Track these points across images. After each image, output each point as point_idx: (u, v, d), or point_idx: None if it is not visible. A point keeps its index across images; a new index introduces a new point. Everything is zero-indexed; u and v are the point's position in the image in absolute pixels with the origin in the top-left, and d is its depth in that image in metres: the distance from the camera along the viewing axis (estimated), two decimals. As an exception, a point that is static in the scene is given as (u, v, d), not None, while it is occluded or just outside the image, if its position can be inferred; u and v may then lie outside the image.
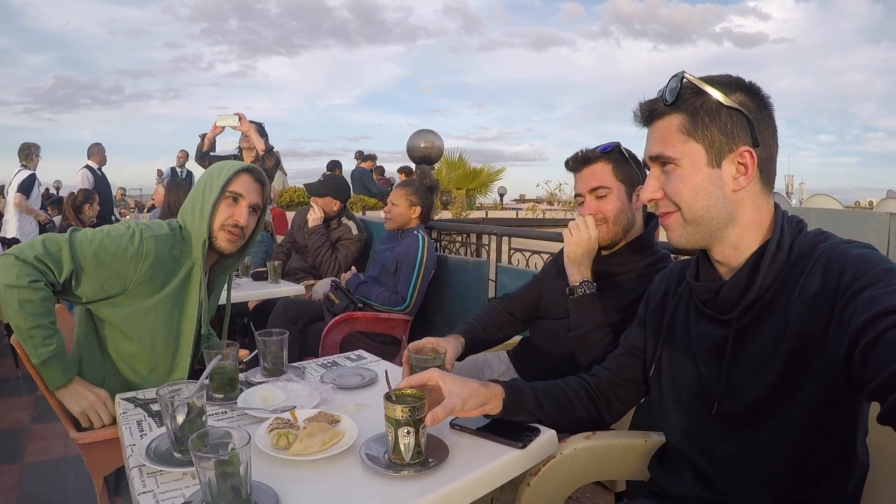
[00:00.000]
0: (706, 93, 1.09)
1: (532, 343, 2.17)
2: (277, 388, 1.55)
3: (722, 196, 1.10)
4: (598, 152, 1.87)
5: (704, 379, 1.19)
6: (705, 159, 1.10)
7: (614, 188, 1.86)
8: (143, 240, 1.75)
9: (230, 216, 1.87)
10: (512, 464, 1.25)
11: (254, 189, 1.92)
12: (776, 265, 1.08)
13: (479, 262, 3.43)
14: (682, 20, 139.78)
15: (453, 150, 12.58)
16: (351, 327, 3.29)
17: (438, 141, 6.00)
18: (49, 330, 1.61)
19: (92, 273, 1.68)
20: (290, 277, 4.10)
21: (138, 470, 1.16)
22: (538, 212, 10.50)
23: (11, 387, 4.30)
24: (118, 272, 1.71)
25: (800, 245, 1.09)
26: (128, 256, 1.72)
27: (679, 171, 1.12)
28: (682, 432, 1.26)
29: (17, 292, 1.58)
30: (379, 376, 1.72)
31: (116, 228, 1.78)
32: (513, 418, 1.35)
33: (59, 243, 1.66)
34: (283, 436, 1.22)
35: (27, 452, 3.22)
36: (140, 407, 1.49)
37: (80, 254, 1.67)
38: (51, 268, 1.63)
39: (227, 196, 1.87)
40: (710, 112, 1.09)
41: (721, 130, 1.09)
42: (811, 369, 1.01)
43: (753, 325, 1.10)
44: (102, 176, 7.70)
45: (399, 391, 1.21)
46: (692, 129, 1.10)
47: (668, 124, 1.13)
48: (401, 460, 1.14)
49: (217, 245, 1.88)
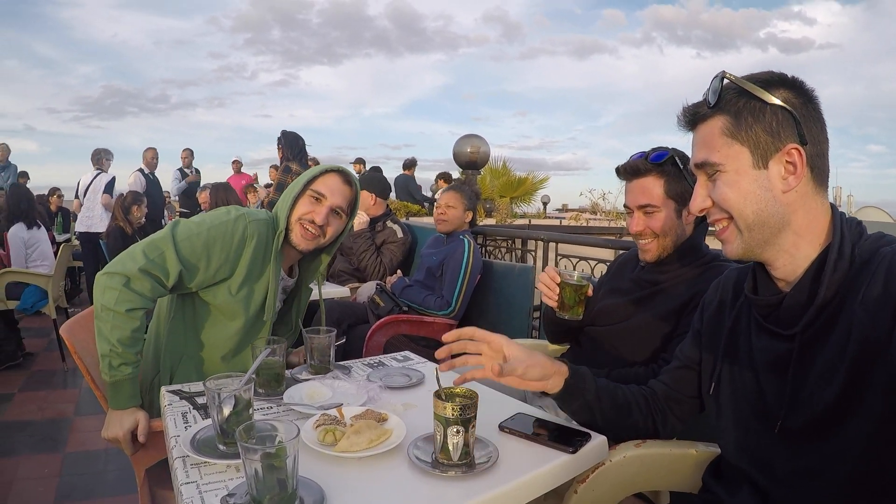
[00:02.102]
0: (748, 92, 1.05)
1: (580, 350, 2.12)
2: (324, 385, 1.54)
3: (772, 199, 1.05)
4: (649, 163, 1.77)
5: (767, 395, 1.14)
6: (750, 161, 1.05)
7: (663, 206, 1.77)
8: (247, 224, 1.79)
9: (308, 212, 1.85)
10: (561, 469, 1.22)
11: (340, 191, 1.88)
12: (838, 273, 1.02)
13: (525, 268, 3.38)
14: (725, 25, 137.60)
15: (497, 159, 12.52)
16: (395, 330, 3.28)
17: (485, 146, 5.99)
18: (129, 358, 1.62)
19: (203, 265, 1.73)
20: (335, 280, 4.12)
21: (182, 461, 1.15)
22: (581, 221, 10.37)
23: (58, 380, 4.45)
24: (228, 257, 1.76)
25: (861, 250, 1.03)
26: (235, 241, 1.77)
27: (725, 177, 1.07)
28: (741, 448, 1.21)
29: (113, 317, 1.61)
30: (426, 377, 1.69)
31: (218, 216, 1.81)
32: (567, 405, 1.33)
33: (160, 248, 1.68)
34: (330, 432, 1.20)
35: (69, 442, 3.32)
36: (185, 399, 1.49)
37: (187, 251, 1.71)
38: (157, 276, 1.66)
39: (311, 194, 1.86)
40: (753, 112, 1.05)
41: (766, 130, 1.04)
42: (876, 379, 0.96)
43: (817, 338, 1.05)
44: (154, 179, 7.82)
45: (449, 389, 1.18)
46: (735, 130, 1.06)
47: (711, 128, 1.09)
48: (448, 460, 1.12)
49: (290, 239, 1.86)
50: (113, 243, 5.36)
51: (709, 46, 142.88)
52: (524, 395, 2.10)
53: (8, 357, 4.62)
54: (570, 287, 1.73)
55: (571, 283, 1.73)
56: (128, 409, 1.61)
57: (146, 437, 1.59)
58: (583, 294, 1.74)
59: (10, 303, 4.58)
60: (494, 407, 1.46)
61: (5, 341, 4.62)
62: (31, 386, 4.27)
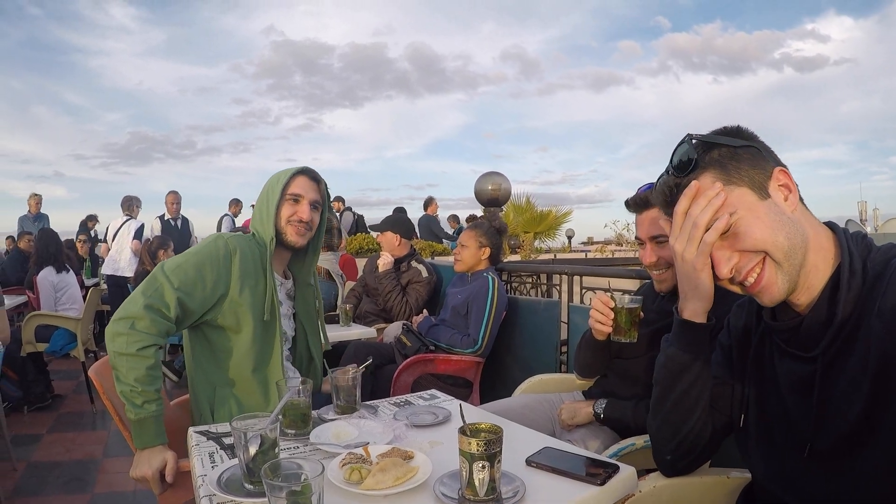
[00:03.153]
0: (716, 143, 1.09)
1: (607, 383, 2.11)
2: (350, 424, 1.55)
3: (789, 220, 1.06)
4: None
5: (794, 419, 1.13)
6: (755, 196, 1.06)
7: None
8: (226, 240, 1.93)
9: (293, 213, 2.03)
10: (590, 502, 1.19)
11: (311, 188, 2.08)
12: (853, 291, 1.02)
13: (551, 303, 3.37)
14: (739, 49, 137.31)
15: (520, 195, 12.57)
16: (423, 369, 3.28)
17: (506, 183, 6.02)
18: (150, 395, 1.68)
19: (200, 286, 1.82)
20: (362, 321, 4.13)
21: (208, 500, 1.16)
22: (607, 252, 10.35)
23: (86, 421, 4.50)
24: (220, 273, 1.87)
25: (873, 264, 1.03)
26: (221, 257, 1.89)
27: (743, 220, 1.06)
28: (772, 473, 1.19)
29: (127, 360, 1.67)
30: (453, 415, 1.69)
31: (198, 245, 1.95)
32: (697, 354, 1.27)
33: (154, 284, 1.78)
34: (356, 470, 1.20)
35: (98, 483, 3.34)
36: (212, 439, 1.50)
37: (180, 279, 1.80)
38: (159, 309, 1.74)
39: (289, 198, 2.03)
40: (730, 157, 1.08)
41: (750, 165, 1.07)
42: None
43: (839, 357, 1.04)
44: (175, 226, 7.83)
45: (474, 425, 1.18)
46: (727, 176, 1.08)
47: (703, 186, 1.09)
48: (475, 496, 1.11)
49: (287, 239, 2.04)
50: None
51: (725, 71, 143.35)
52: (552, 431, 2.09)
53: (37, 399, 4.68)
54: (625, 311, 1.75)
55: (626, 307, 1.75)
56: (155, 447, 1.64)
57: (174, 476, 1.61)
58: (636, 316, 1.75)
59: (39, 345, 4.65)
60: (522, 442, 1.45)
61: (34, 383, 4.69)
62: (59, 427, 4.32)
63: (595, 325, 1.82)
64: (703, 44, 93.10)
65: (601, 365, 2.11)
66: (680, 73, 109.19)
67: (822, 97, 60.11)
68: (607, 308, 1.78)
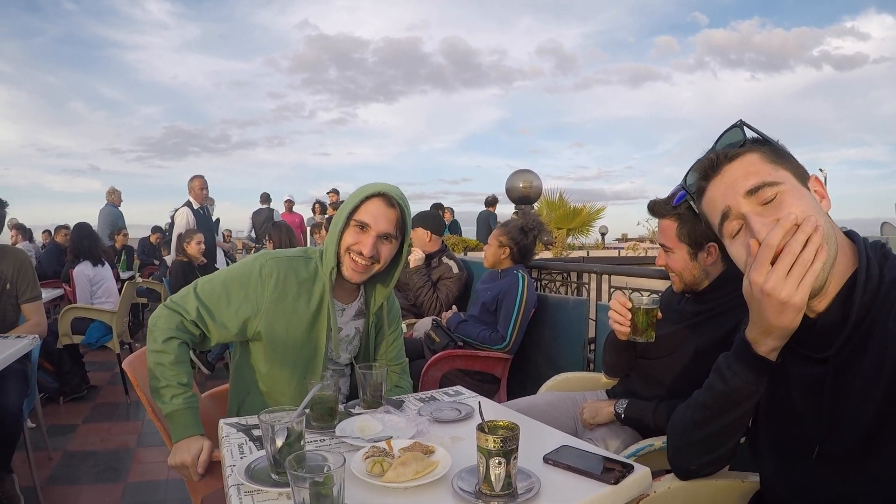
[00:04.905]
0: (766, 139, 1.14)
1: (631, 382, 2.12)
2: (375, 419, 1.59)
3: (825, 214, 1.08)
4: (668, 206, 1.84)
5: (804, 420, 1.14)
6: (798, 182, 1.10)
7: (676, 248, 1.86)
8: (264, 262, 1.87)
9: (355, 243, 1.80)
10: (603, 500, 1.22)
11: (384, 216, 1.81)
12: (868, 295, 1.04)
13: (580, 301, 3.38)
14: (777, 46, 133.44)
15: (553, 191, 12.52)
16: (451, 365, 3.32)
17: (537, 181, 6.03)
18: (177, 389, 1.74)
19: (224, 302, 1.84)
20: (392, 316, 4.17)
21: (236, 488, 1.22)
22: (640, 250, 10.25)
23: (121, 412, 4.62)
24: (248, 295, 1.84)
25: (889, 270, 1.05)
26: (252, 279, 1.85)
27: (789, 195, 1.07)
28: (782, 475, 1.21)
29: (153, 356, 1.77)
30: (476, 411, 1.72)
31: (244, 259, 1.96)
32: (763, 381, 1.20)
33: (185, 291, 1.87)
34: (378, 463, 1.25)
35: (131, 472, 3.43)
36: (242, 431, 1.56)
37: (206, 291, 1.86)
38: (178, 311, 1.82)
39: (354, 225, 1.81)
40: (776, 151, 1.13)
41: (792, 163, 1.12)
42: None
43: (851, 360, 1.05)
44: (205, 214, 7.47)
45: (492, 422, 1.21)
46: (776, 158, 1.11)
47: (751, 160, 1.12)
48: (491, 491, 1.15)
49: (342, 271, 1.84)
50: (174, 280, 5.61)
51: (762, 68, 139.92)
52: (574, 429, 2.11)
53: (73, 390, 4.81)
54: (642, 311, 1.78)
55: (643, 307, 1.78)
56: (193, 437, 1.69)
57: (205, 466, 1.66)
58: (654, 317, 1.78)
59: (75, 337, 4.78)
60: (542, 439, 1.49)
61: (70, 374, 4.80)
62: (95, 417, 4.44)
63: (613, 325, 1.85)
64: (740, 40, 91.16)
65: (626, 364, 2.14)
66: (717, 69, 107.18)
67: (862, 96, 58.23)
68: (624, 308, 1.80)
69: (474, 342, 3.38)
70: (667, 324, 1.92)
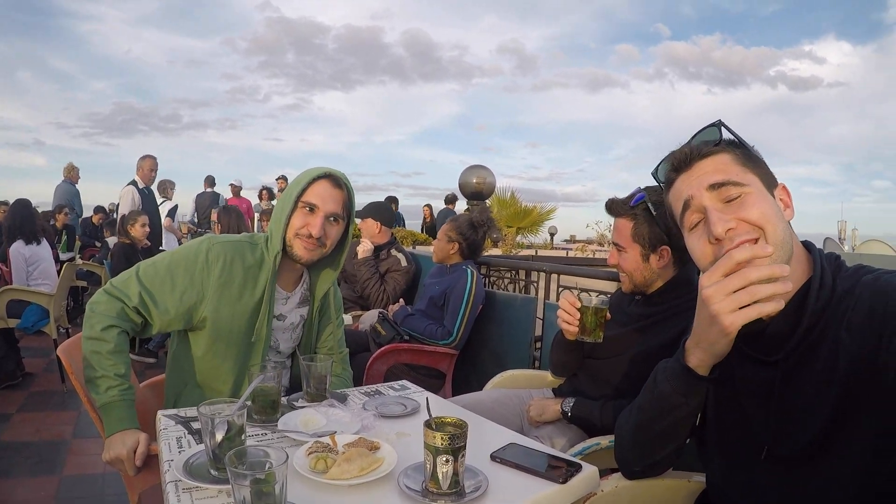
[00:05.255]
0: (741, 142, 1.16)
1: (578, 382, 2.13)
2: (319, 412, 1.55)
3: (785, 222, 1.10)
4: (626, 206, 1.88)
5: (752, 422, 1.15)
6: (765, 188, 1.12)
7: (629, 248, 1.88)
8: (210, 247, 1.82)
9: (304, 225, 1.80)
10: (551, 499, 1.22)
11: (331, 197, 1.82)
12: (821, 302, 1.06)
13: (528, 299, 3.39)
14: (736, 63, 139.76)
15: (505, 189, 12.63)
16: (396, 359, 3.29)
17: (491, 177, 6.02)
18: (113, 380, 1.65)
19: (168, 287, 1.77)
20: (339, 308, 4.12)
21: (174, 485, 1.16)
22: (588, 252, 10.40)
23: (57, 401, 4.43)
24: (193, 280, 1.79)
25: (843, 280, 1.07)
26: (198, 264, 1.80)
27: (752, 197, 1.09)
28: (729, 477, 1.22)
29: (89, 344, 1.68)
30: (422, 406, 1.70)
31: (189, 243, 1.88)
32: (696, 395, 1.21)
33: (126, 275, 1.79)
34: (322, 459, 1.21)
35: (67, 465, 3.30)
36: (181, 424, 1.50)
37: (148, 275, 1.78)
38: (119, 297, 1.74)
39: (302, 207, 1.81)
40: (748, 156, 1.15)
41: (762, 169, 1.14)
42: (863, 403, 0.98)
43: (801, 365, 1.07)
44: (150, 194, 7.23)
45: (440, 419, 1.19)
46: (746, 161, 1.13)
47: (722, 159, 1.14)
48: (438, 489, 1.12)
49: (293, 253, 1.83)
50: (116, 263, 5.39)
51: (720, 83, 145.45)
52: (520, 427, 2.11)
53: (7, 376, 4.59)
54: (591, 311, 1.78)
55: (592, 307, 1.77)
56: (127, 430, 1.61)
57: (143, 460, 1.58)
58: (602, 317, 1.78)
59: (10, 321, 4.56)
60: (488, 436, 1.47)
61: (5, 360, 4.58)
62: (29, 406, 4.25)
63: (561, 325, 1.85)
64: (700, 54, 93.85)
65: (573, 364, 2.14)
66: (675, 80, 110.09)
67: (814, 117, 60.22)
68: (573, 308, 1.80)
69: (421, 336, 3.36)
70: (615, 325, 1.92)
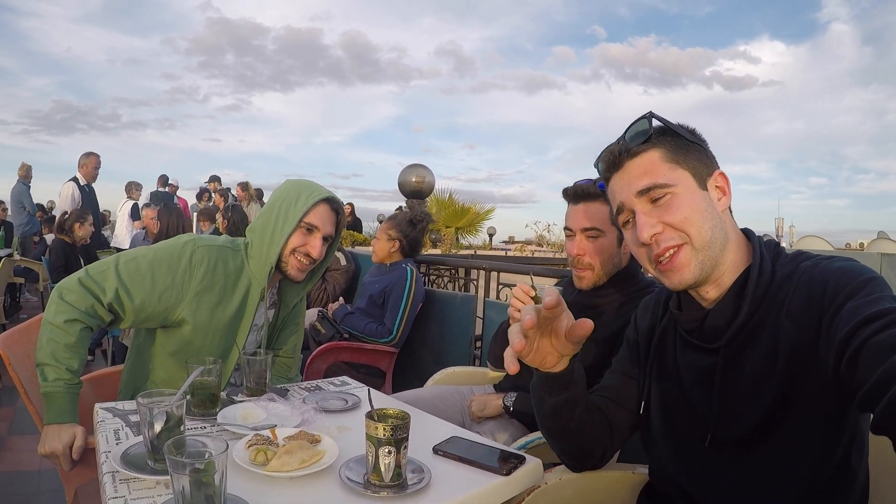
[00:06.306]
0: (673, 131, 1.14)
1: (519, 377, 2.14)
2: (259, 406, 1.53)
3: (718, 216, 1.12)
4: (600, 189, 1.77)
5: (695, 409, 1.17)
6: (694, 183, 1.12)
7: (608, 232, 1.80)
8: (195, 249, 1.78)
9: (303, 244, 1.84)
10: (494, 491, 1.22)
11: (329, 220, 1.88)
12: (760, 289, 1.08)
13: (467, 297, 3.41)
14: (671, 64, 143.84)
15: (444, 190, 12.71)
16: (336, 357, 3.26)
17: (430, 176, 6.03)
18: (64, 373, 1.59)
19: (148, 286, 1.71)
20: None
21: (111, 476, 1.13)
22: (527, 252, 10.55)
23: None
24: (174, 281, 1.74)
25: (782, 267, 1.10)
26: (181, 264, 1.75)
27: (678, 199, 1.10)
28: (674, 465, 1.23)
29: (50, 330, 1.61)
30: (363, 401, 1.69)
31: (170, 241, 1.82)
32: (556, 393, 1.28)
33: (104, 266, 1.71)
34: (262, 451, 1.19)
35: (1, 462, 3.19)
36: (118, 416, 1.46)
37: (129, 270, 1.71)
38: (93, 290, 1.66)
39: (303, 227, 1.83)
40: (682, 146, 1.13)
41: (697, 158, 1.13)
42: (805, 389, 1.00)
43: (742, 351, 1.09)
44: (91, 192, 7.22)
45: (382, 410, 1.19)
46: (675, 157, 1.13)
47: (650, 158, 1.13)
48: (380, 481, 1.12)
49: (286, 270, 1.86)
50: (54, 260, 5.19)
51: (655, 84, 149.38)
52: (462, 422, 2.11)
53: (-58, 373, 4.36)
54: None
55: None
56: (64, 423, 1.56)
57: (80, 453, 1.54)
58: None
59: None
60: (431, 431, 1.47)
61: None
62: (-37, 404, 4.04)
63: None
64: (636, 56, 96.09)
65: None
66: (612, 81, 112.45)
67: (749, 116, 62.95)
68: (528, 297, 1.80)
69: (360, 335, 3.34)
70: None
